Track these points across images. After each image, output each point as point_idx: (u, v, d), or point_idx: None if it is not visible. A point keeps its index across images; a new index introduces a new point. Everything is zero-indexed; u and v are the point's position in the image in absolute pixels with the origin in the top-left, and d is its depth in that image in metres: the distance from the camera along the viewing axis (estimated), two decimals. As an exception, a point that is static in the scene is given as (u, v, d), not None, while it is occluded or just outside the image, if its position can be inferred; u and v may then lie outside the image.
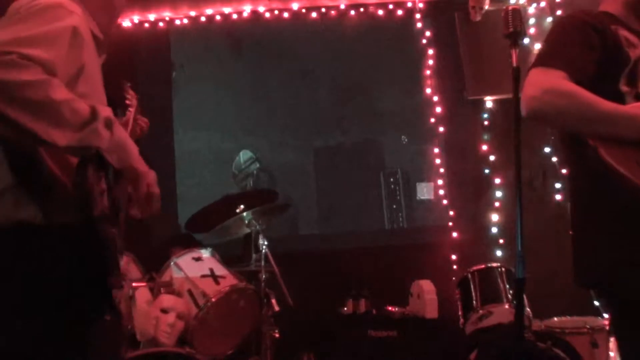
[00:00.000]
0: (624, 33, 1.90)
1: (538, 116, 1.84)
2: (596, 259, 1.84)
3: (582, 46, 1.85)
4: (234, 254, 3.93)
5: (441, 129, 5.03)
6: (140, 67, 5.11)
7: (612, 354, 3.40)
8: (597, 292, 1.98)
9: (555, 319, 3.68)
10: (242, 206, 3.59)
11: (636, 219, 1.73)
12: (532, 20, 4.87)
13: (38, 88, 1.48)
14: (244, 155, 5.33)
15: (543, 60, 1.88)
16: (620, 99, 1.82)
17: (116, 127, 1.64)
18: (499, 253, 4.71)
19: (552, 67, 1.83)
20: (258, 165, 5.31)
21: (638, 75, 1.87)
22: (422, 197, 5.14)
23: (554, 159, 4.75)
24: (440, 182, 5.04)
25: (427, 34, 5.14)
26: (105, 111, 1.61)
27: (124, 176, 1.68)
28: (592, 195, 1.85)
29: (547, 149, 4.72)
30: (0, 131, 1.51)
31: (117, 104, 2.01)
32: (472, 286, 3.58)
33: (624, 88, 1.85)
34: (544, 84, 1.81)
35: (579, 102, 1.78)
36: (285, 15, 5.15)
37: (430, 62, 5.10)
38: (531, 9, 4.93)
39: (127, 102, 2.50)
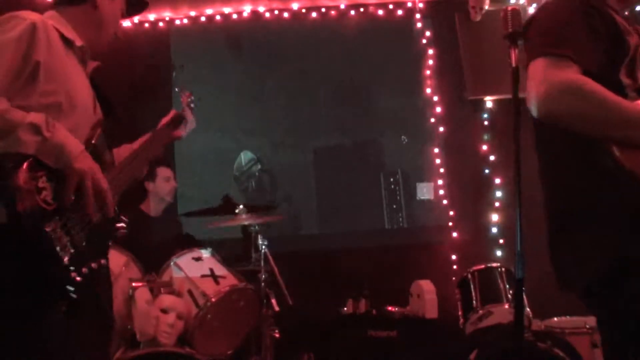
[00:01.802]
0: (618, 18, 1.78)
1: (554, 118, 1.67)
2: (601, 259, 1.68)
3: (591, 32, 1.69)
4: (234, 254, 3.93)
5: (441, 129, 5.03)
6: (140, 67, 5.11)
7: (612, 354, 3.40)
8: (590, 294, 1.79)
9: (555, 319, 3.68)
10: (241, 206, 3.59)
11: None
12: (532, 21, 4.87)
13: None
14: (245, 156, 5.33)
15: (549, 47, 1.70)
16: (621, 91, 1.69)
17: (54, 132, 1.70)
18: (499, 253, 4.71)
19: (564, 58, 1.66)
20: (259, 166, 5.31)
21: (637, 65, 1.76)
22: (422, 197, 5.14)
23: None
24: (440, 182, 5.04)
25: (427, 34, 5.14)
26: (33, 116, 1.68)
27: (65, 176, 1.72)
28: (599, 195, 1.70)
29: (547, 149, 4.71)
30: None
31: (114, 104, 2.02)
32: (472, 286, 3.58)
33: (625, 79, 1.72)
34: (560, 81, 1.64)
35: (605, 106, 1.63)
36: (285, 15, 5.15)
37: (430, 62, 5.11)
38: (531, 9, 4.93)
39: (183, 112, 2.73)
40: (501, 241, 4.76)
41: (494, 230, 4.78)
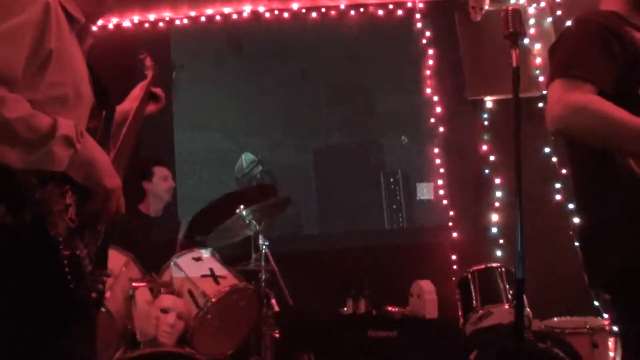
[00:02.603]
0: (636, 35, 1.87)
1: (566, 135, 1.86)
2: (622, 260, 1.82)
3: (605, 54, 1.82)
4: (234, 254, 3.93)
5: (441, 129, 5.03)
6: (140, 67, 5.10)
7: (612, 354, 3.40)
8: (612, 292, 1.95)
9: (555, 319, 3.68)
10: (241, 206, 3.59)
11: None
12: (532, 21, 4.87)
13: None
14: (247, 158, 5.32)
15: (565, 70, 1.83)
16: (638, 105, 1.79)
17: (84, 143, 1.55)
18: (499, 253, 4.71)
19: (576, 79, 1.80)
20: (261, 168, 5.31)
21: None
22: (422, 197, 5.14)
23: (554, 159, 4.75)
24: (440, 182, 5.04)
25: (427, 34, 5.15)
26: (65, 127, 1.51)
27: (91, 193, 1.60)
28: (619, 203, 1.84)
29: (547, 149, 4.72)
30: None
31: (109, 95, 1.84)
32: (472, 286, 3.59)
33: None
34: (572, 101, 1.78)
35: (610, 122, 1.76)
36: (285, 15, 5.15)
37: (430, 62, 5.11)
38: (531, 9, 4.94)
39: (145, 72, 2.48)
40: (501, 241, 4.76)
41: (494, 230, 4.78)
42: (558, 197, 4.72)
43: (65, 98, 1.58)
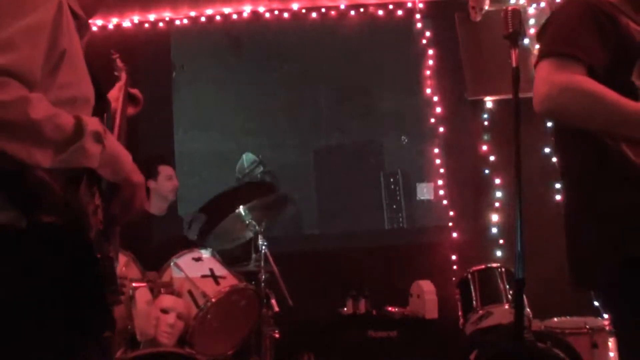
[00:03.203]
0: (630, 22, 1.80)
1: (554, 116, 1.75)
2: (619, 256, 1.71)
3: (597, 34, 1.72)
4: (234, 254, 3.93)
5: (441, 129, 5.03)
6: (140, 67, 5.11)
7: (612, 354, 3.40)
8: (603, 292, 1.85)
9: (555, 319, 3.68)
10: (241, 206, 3.59)
11: None
12: (532, 21, 4.87)
13: (15, 108, 1.34)
14: (248, 158, 5.32)
15: (555, 48, 1.75)
16: (633, 93, 1.71)
17: (108, 139, 1.52)
18: (498, 253, 4.71)
19: (566, 58, 1.71)
20: (262, 168, 5.31)
21: None
22: (422, 198, 5.14)
23: (554, 159, 4.74)
24: (440, 182, 5.04)
25: (427, 34, 5.14)
26: (93, 124, 1.48)
27: (119, 189, 1.57)
28: (613, 193, 1.72)
29: (547, 149, 4.72)
30: None
31: (102, 84, 1.78)
32: (472, 286, 3.58)
33: (637, 81, 1.74)
34: (561, 80, 1.69)
35: (602, 103, 1.66)
36: (285, 15, 5.15)
37: (430, 62, 5.11)
38: (531, 10, 4.93)
39: (116, 73, 2.39)
40: (501, 241, 4.76)
41: (494, 230, 4.78)
42: (558, 197, 4.72)
43: (74, 99, 1.55)
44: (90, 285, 1.47)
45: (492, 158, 4.89)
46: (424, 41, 5.14)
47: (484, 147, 4.92)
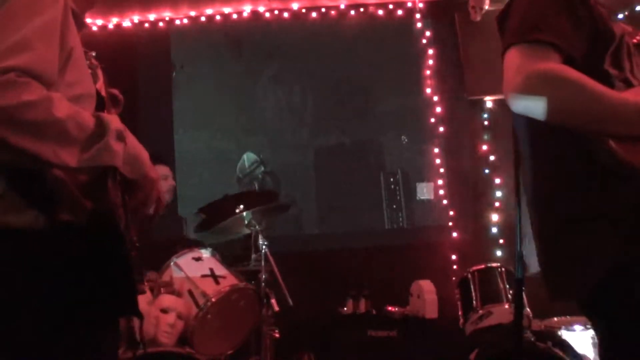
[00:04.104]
0: (601, 8, 1.64)
1: (532, 111, 1.52)
2: (606, 261, 1.54)
3: (571, 18, 1.53)
4: (234, 254, 3.93)
5: (441, 129, 5.03)
6: (140, 67, 5.11)
7: (612, 354, 3.40)
8: (592, 301, 1.64)
9: (555, 319, 3.68)
10: (241, 206, 3.59)
11: None
12: (532, 21, 4.87)
13: (40, 107, 1.34)
14: (249, 158, 5.31)
15: (524, 34, 1.54)
16: (606, 81, 1.54)
17: (128, 137, 1.53)
18: (498, 253, 4.72)
19: (539, 44, 1.51)
20: (263, 168, 5.30)
21: (622, 55, 1.63)
22: (422, 197, 5.14)
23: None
24: (440, 182, 5.04)
25: (427, 34, 5.14)
26: (115, 122, 1.49)
27: (138, 186, 1.58)
28: (600, 193, 1.57)
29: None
30: (2, 158, 1.36)
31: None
32: (472, 286, 3.59)
33: (610, 70, 1.58)
34: (537, 70, 1.49)
35: (588, 95, 1.47)
36: (285, 15, 5.15)
37: (430, 62, 5.11)
38: (531, 9, 4.93)
39: (90, 72, 2.37)
40: (501, 241, 4.76)
41: (494, 230, 4.79)
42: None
43: (80, 96, 1.55)
44: (121, 274, 1.48)
45: (492, 158, 4.90)
46: (424, 41, 5.14)
47: (484, 147, 4.93)
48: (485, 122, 4.97)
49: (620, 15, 2.67)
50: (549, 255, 1.71)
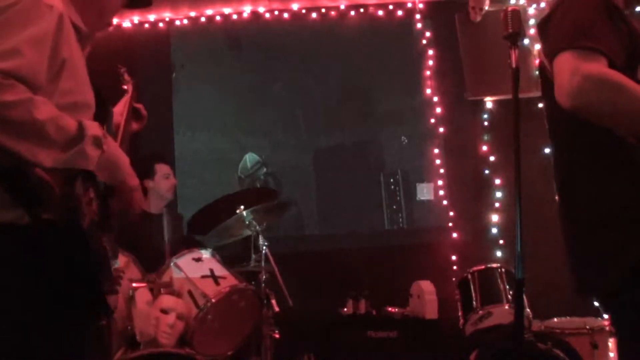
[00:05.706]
0: (634, 21, 1.76)
1: (587, 111, 1.61)
2: (630, 260, 1.64)
3: (614, 27, 1.66)
4: (234, 255, 3.93)
5: (441, 129, 5.03)
6: (140, 67, 5.11)
7: (612, 354, 3.41)
8: (610, 298, 1.75)
9: (555, 319, 3.69)
10: (242, 206, 3.59)
11: None
12: (532, 21, 4.87)
13: (20, 108, 1.45)
14: (251, 158, 5.32)
15: (574, 41, 1.65)
16: None
17: (107, 143, 1.63)
18: (498, 253, 4.71)
19: (591, 50, 1.62)
20: (265, 169, 5.30)
21: None
22: (422, 198, 5.14)
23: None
24: (440, 182, 5.04)
25: (427, 34, 5.14)
26: (93, 128, 1.59)
27: (117, 191, 1.70)
28: (631, 193, 1.66)
29: (547, 149, 4.71)
30: None
31: (107, 98, 1.92)
32: (472, 287, 3.59)
33: None
34: (592, 72, 1.59)
35: (635, 98, 1.58)
36: (285, 15, 5.15)
37: (430, 62, 5.11)
38: (531, 10, 4.93)
39: (124, 87, 2.49)
40: (501, 242, 4.76)
41: (494, 230, 4.78)
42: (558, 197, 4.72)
43: (75, 104, 1.65)
44: (83, 270, 1.56)
45: (492, 158, 4.89)
46: (424, 41, 5.14)
47: (484, 147, 4.92)
48: (485, 123, 4.96)
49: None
50: (576, 252, 1.80)
